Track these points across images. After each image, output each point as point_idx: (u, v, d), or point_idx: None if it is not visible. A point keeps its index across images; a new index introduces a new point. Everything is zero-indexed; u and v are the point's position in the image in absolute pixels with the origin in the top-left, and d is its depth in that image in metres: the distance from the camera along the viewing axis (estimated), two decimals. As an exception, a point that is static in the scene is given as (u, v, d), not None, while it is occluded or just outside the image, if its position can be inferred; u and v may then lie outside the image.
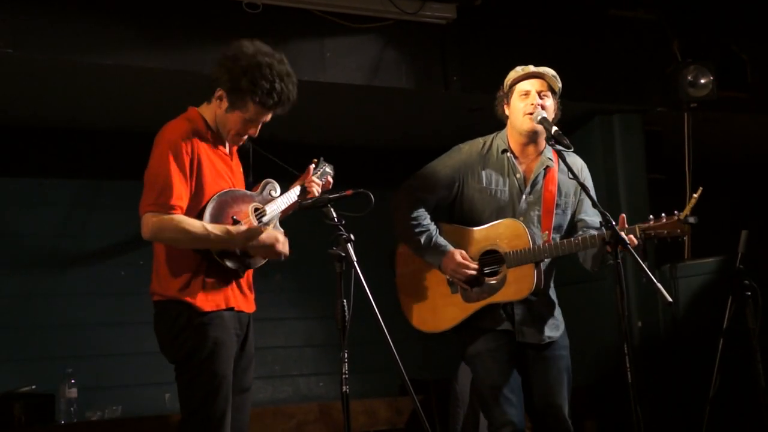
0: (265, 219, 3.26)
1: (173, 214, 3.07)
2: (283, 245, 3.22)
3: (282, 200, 3.35)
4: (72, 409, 5.27)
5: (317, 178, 3.51)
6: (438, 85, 5.49)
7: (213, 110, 3.25)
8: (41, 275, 5.71)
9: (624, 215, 3.51)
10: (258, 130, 3.27)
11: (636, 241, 3.43)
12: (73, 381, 5.31)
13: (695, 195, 3.44)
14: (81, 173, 5.94)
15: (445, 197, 3.76)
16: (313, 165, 3.55)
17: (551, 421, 3.61)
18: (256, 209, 3.26)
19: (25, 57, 4.57)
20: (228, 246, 3.13)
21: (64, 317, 5.68)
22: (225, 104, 3.19)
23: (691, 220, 3.44)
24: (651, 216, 3.50)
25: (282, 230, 3.32)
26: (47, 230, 5.78)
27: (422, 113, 6.06)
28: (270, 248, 3.19)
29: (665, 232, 3.45)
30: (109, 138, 5.92)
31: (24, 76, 4.93)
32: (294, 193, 3.42)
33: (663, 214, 3.47)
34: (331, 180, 3.59)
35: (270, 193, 3.36)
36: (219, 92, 3.20)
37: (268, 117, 3.24)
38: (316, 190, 3.47)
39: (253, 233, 3.13)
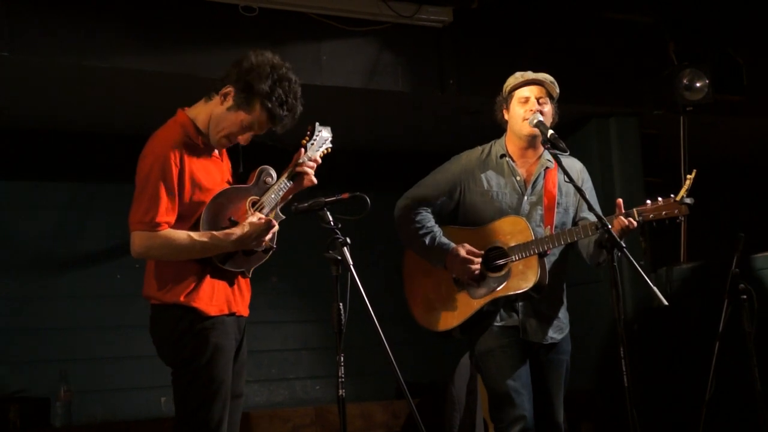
0: (264, 211, 3.20)
1: (159, 231, 3.04)
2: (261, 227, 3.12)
3: (278, 186, 3.26)
4: (67, 412, 5.26)
5: (315, 151, 3.36)
6: (434, 88, 5.50)
7: (209, 108, 3.18)
8: (37, 278, 5.70)
9: (620, 200, 3.54)
10: (248, 141, 3.22)
11: (635, 224, 3.46)
12: (68, 384, 5.30)
13: (690, 176, 3.47)
14: (77, 176, 5.93)
15: (447, 204, 3.79)
16: (308, 134, 3.38)
17: (544, 425, 3.63)
18: (253, 203, 3.21)
19: (21, 60, 4.57)
20: (219, 251, 3.10)
21: (59, 320, 5.68)
22: (229, 102, 3.13)
23: (688, 200, 3.46)
24: (648, 200, 3.52)
25: (283, 216, 3.25)
26: (43, 233, 5.77)
27: (419, 116, 6.06)
28: (259, 235, 3.12)
29: (663, 213, 3.48)
30: (105, 141, 5.92)
31: (20, 80, 4.93)
32: (290, 177, 3.29)
33: (659, 198, 3.50)
34: (329, 148, 3.41)
35: (265, 181, 3.27)
36: (227, 89, 3.13)
37: (264, 130, 3.19)
38: (316, 157, 3.32)
39: (234, 235, 3.08)
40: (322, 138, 3.41)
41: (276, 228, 3.18)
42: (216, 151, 3.27)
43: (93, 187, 5.95)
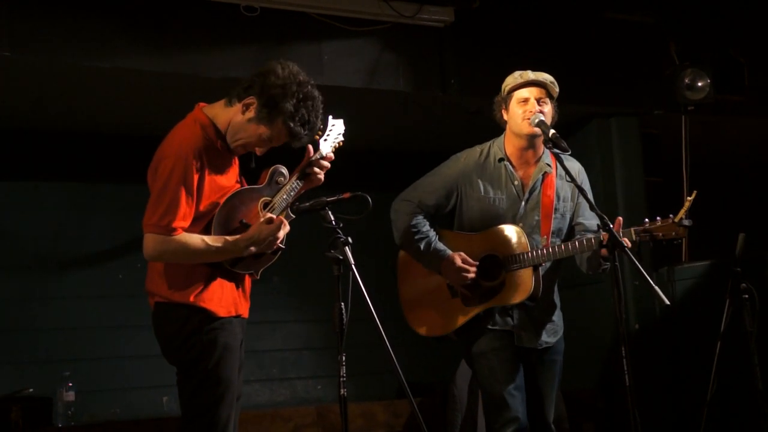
0: (275, 212, 3.18)
1: (174, 235, 3.02)
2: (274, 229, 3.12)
3: (290, 186, 3.24)
4: (69, 412, 5.26)
5: (328, 146, 3.32)
6: (436, 88, 5.50)
7: (230, 114, 3.14)
8: (39, 278, 5.71)
9: (620, 218, 3.52)
10: (264, 152, 3.22)
11: (629, 244, 3.44)
12: (70, 384, 5.30)
13: (689, 198, 3.46)
14: (79, 176, 5.93)
15: (444, 206, 3.78)
16: (320, 132, 3.33)
17: (536, 426, 3.64)
18: (265, 204, 3.21)
19: (22, 60, 4.57)
20: (232, 255, 3.10)
21: (61, 320, 5.68)
22: (251, 114, 3.09)
23: (686, 222, 3.45)
24: (646, 219, 3.52)
25: (293, 216, 3.22)
26: (45, 233, 5.77)
27: (420, 116, 6.06)
28: (271, 240, 3.12)
29: (661, 234, 3.47)
30: (106, 141, 5.92)
31: (21, 79, 4.94)
32: (301, 175, 3.28)
33: (658, 217, 3.49)
34: (341, 142, 3.39)
35: (278, 181, 3.25)
36: (249, 100, 3.09)
37: (281, 143, 3.18)
38: (328, 155, 3.31)
39: (248, 238, 3.09)
40: (336, 131, 3.39)
41: (287, 229, 3.17)
42: (232, 154, 3.24)
43: (94, 187, 5.94)
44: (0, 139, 5.69)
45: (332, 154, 3.34)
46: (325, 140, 3.35)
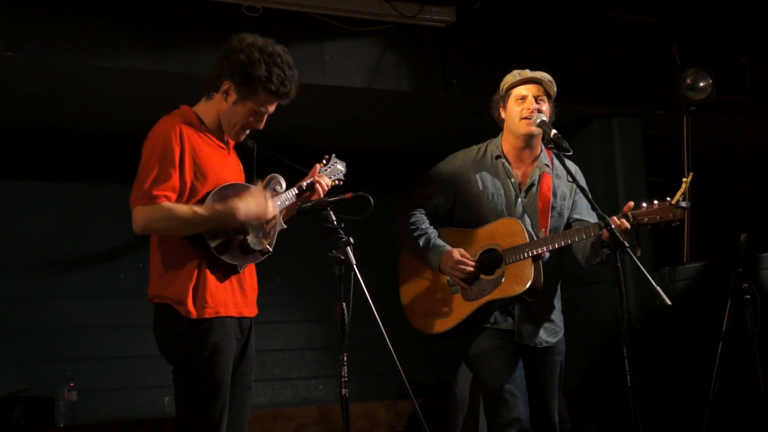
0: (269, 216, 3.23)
1: (159, 203, 3.05)
2: (265, 205, 3.16)
3: (286, 196, 3.30)
4: (71, 412, 5.27)
5: (328, 176, 3.45)
6: (437, 88, 5.50)
7: (214, 106, 3.21)
8: (41, 278, 5.71)
9: (631, 203, 3.52)
10: (264, 123, 3.26)
11: (628, 225, 3.44)
12: (72, 384, 5.31)
13: (686, 179, 3.47)
14: (81, 176, 5.94)
15: (443, 204, 3.79)
16: (324, 161, 3.49)
17: (540, 426, 3.64)
18: None
19: (25, 60, 4.58)
20: (220, 224, 3.09)
21: (63, 320, 5.69)
22: (233, 97, 3.16)
23: (684, 204, 3.45)
24: (643, 203, 3.51)
25: (284, 226, 3.29)
26: (47, 233, 5.78)
27: (422, 116, 6.07)
28: (259, 210, 3.14)
29: (658, 217, 3.46)
30: (108, 141, 5.92)
31: (24, 80, 4.94)
32: (299, 190, 3.37)
33: (655, 201, 3.49)
34: (341, 180, 3.52)
35: (275, 189, 3.30)
36: (225, 85, 3.16)
37: (273, 108, 3.23)
38: (326, 183, 3.41)
39: (236, 207, 3.10)
40: (336, 169, 3.52)
41: (276, 212, 3.21)
42: (221, 143, 3.28)
43: (97, 187, 5.95)
44: (3, 139, 5.70)
45: (327, 186, 3.42)
46: (325, 171, 3.46)
